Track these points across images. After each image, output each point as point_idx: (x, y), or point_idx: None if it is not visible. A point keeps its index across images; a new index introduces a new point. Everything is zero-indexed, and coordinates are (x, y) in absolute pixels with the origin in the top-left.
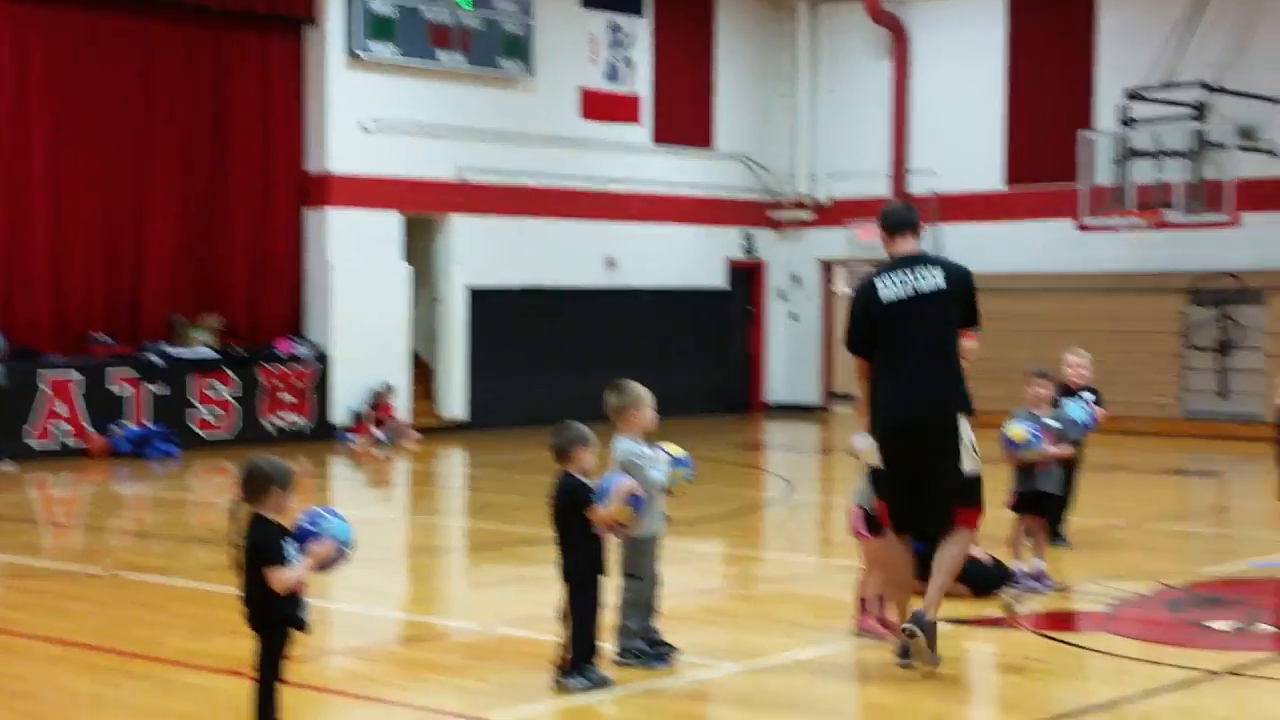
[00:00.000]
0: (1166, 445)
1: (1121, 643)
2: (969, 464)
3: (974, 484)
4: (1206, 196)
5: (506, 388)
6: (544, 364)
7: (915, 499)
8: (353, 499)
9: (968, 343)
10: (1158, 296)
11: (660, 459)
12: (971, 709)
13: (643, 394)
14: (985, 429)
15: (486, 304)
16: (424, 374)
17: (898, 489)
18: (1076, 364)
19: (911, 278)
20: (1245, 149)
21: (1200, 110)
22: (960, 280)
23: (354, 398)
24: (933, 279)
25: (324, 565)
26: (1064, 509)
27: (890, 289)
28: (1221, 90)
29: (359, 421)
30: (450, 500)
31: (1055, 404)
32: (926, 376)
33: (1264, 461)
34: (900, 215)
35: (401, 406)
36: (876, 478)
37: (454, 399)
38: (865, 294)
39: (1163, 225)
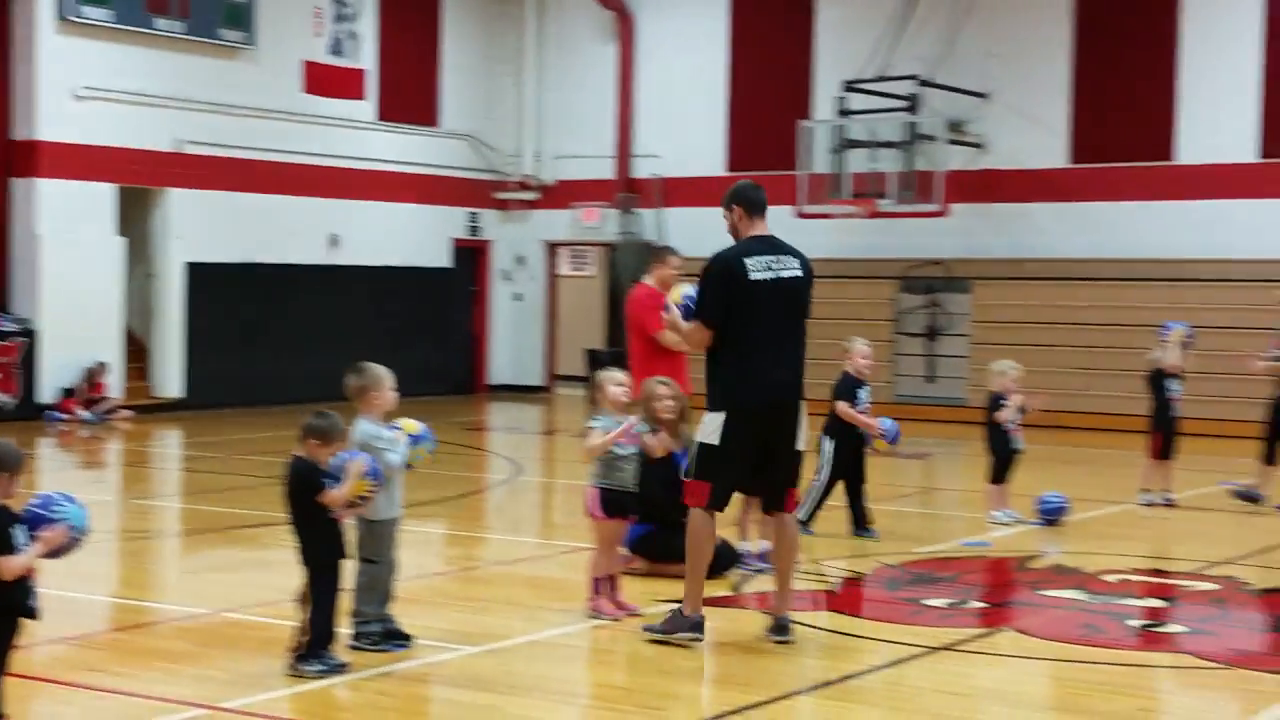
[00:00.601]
0: None
1: (843, 620)
2: (801, 444)
3: (800, 464)
4: (918, 186)
5: (225, 366)
6: (264, 342)
7: (745, 474)
8: (62, 481)
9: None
10: (871, 283)
11: (399, 440)
12: (702, 688)
13: (383, 375)
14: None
15: (205, 280)
16: (138, 351)
17: (739, 465)
18: (867, 354)
19: (775, 262)
20: (954, 142)
21: (912, 103)
22: (809, 271)
23: (63, 375)
24: (791, 266)
25: (56, 551)
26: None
27: (757, 270)
28: (932, 84)
29: (66, 399)
30: (167, 482)
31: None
32: (789, 360)
33: (968, 444)
34: (759, 197)
35: (115, 384)
36: (707, 453)
37: (170, 377)
38: (730, 269)
39: (876, 214)
